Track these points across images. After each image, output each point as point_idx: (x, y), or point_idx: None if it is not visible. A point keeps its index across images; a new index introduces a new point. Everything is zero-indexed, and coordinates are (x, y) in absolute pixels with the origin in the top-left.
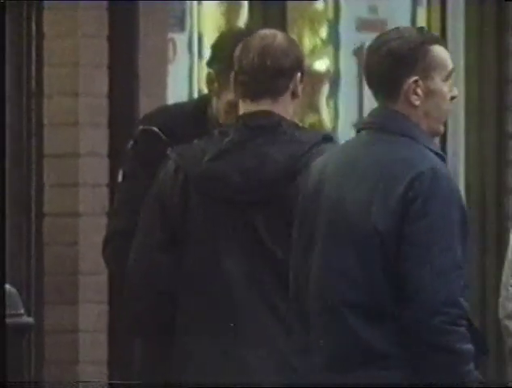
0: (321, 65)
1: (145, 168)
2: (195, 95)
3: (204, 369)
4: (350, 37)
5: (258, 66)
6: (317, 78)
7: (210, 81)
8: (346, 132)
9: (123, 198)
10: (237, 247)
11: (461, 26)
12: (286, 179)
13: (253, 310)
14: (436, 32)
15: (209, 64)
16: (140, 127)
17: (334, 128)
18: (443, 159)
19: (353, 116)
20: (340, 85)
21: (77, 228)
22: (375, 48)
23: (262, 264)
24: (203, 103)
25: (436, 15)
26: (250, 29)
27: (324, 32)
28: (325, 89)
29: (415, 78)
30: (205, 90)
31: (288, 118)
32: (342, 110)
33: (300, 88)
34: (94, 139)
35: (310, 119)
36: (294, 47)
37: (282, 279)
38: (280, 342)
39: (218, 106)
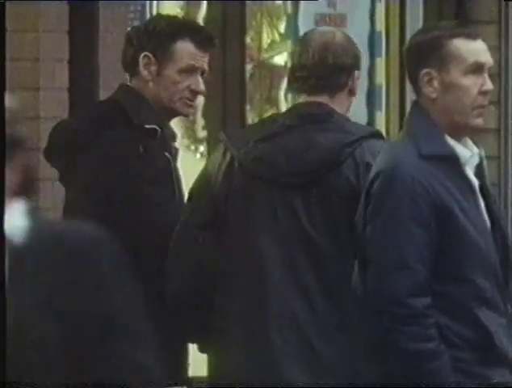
0: (280, 59)
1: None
2: None
3: (234, 350)
4: None
5: (318, 62)
6: (276, 72)
7: (148, 64)
8: None
9: None
10: (274, 228)
11: (420, 21)
12: (329, 165)
13: (284, 291)
14: (395, 27)
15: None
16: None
17: None
18: (445, 161)
19: None
20: None
21: None
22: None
23: (297, 247)
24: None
25: (395, 11)
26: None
27: (282, 27)
28: (284, 83)
29: (427, 70)
30: None
31: (343, 113)
32: None
33: (357, 86)
34: None
35: (268, 113)
36: (352, 45)
37: (316, 262)
38: (306, 324)
39: (159, 85)
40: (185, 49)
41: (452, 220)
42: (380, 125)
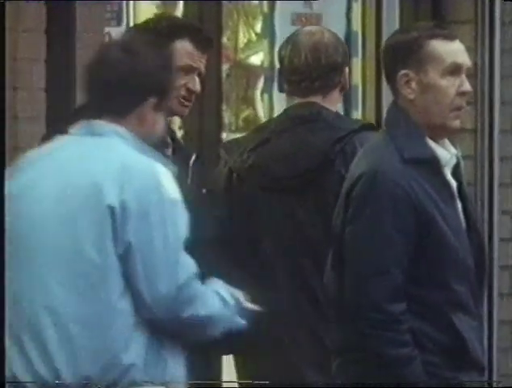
0: (256, 59)
1: None
2: None
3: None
4: (285, 31)
5: (311, 64)
6: (252, 71)
7: None
8: None
9: None
10: (276, 233)
11: (396, 21)
12: (322, 163)
13: (291, 293)
14: (371, 27)
15: None
16: None
17: None
18: (426, 164)
19: None
20: (275, 79)
21: None
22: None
23: (300, 248)
24: None
25: (371, 11)
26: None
27: (259, 26)
28: (260, 83)
29: (405, 71)
30: None
31: (334, 110)
32: (276, 104)
33: (347, 81)
34: (32, 133)
35: (244, 112)
36: (340, 42)
37: (319, 263)
38: (313, 323)
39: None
40: (183, 49)
41: (432, 224)
42: None
